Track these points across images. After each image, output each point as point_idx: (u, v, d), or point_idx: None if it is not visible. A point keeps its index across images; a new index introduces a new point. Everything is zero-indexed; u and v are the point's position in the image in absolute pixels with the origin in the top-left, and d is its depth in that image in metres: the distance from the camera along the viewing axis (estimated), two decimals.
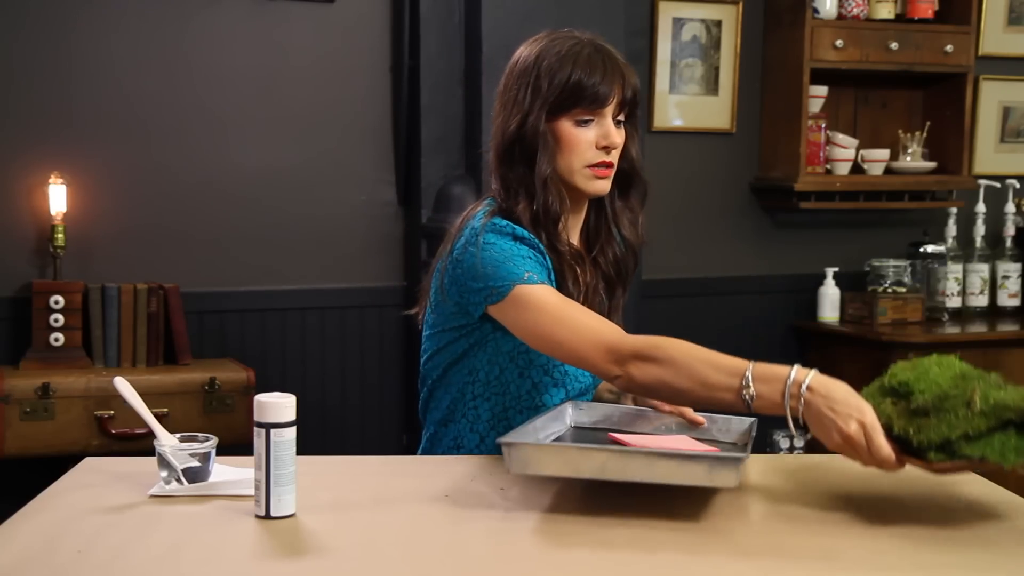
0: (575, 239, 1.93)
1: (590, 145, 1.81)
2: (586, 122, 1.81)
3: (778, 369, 1.56)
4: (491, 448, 1.85)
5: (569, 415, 1.88)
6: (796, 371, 1.54)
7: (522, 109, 1.82)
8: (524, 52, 1.87)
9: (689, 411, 1.85)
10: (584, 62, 1.80)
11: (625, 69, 1.84)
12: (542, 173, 1.81)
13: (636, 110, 1.88)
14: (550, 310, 1.71)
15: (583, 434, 1.85)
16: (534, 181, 1.82)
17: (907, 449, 1.48)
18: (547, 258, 1.82)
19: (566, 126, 1.81)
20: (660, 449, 1.41)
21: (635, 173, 1.92)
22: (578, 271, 1.86)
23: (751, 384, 1.56)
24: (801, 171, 3.88)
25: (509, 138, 1.83)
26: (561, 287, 1.82)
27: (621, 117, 1.84)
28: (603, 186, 1.85)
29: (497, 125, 1.86)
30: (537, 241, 1.81)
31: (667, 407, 1.86)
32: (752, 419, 1.85)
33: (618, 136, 1.82)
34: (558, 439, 1.77)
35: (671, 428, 1.85)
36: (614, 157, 1.84)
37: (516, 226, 1.81)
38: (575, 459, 1.44)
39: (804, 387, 1.52)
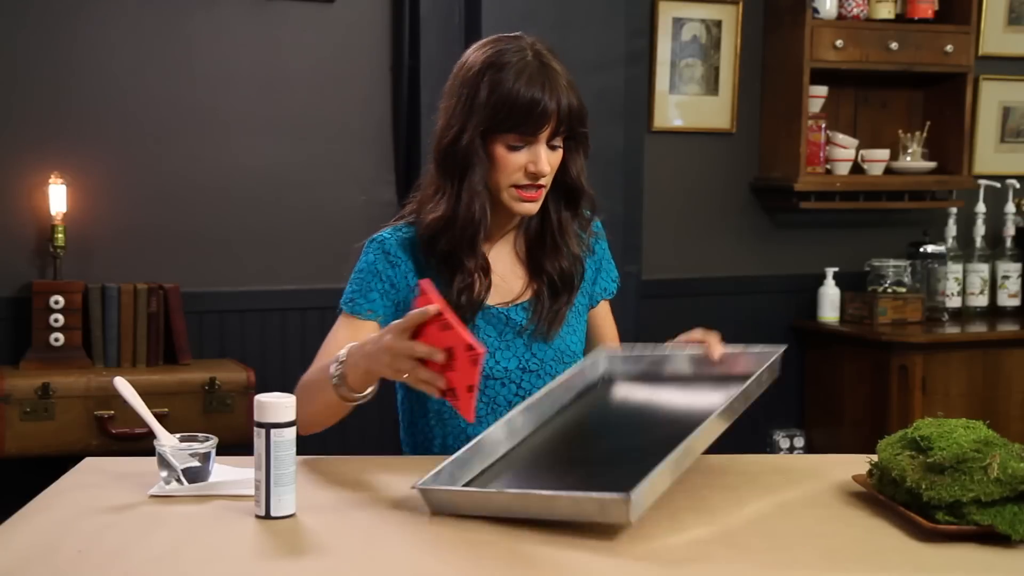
0: (505, 252, 1.96)
1: (519, 168, 1.83)
2: (518, 147, 1.83)
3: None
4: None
5: (602, 365, 1.91)
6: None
7: (460, 121, 1.84)
8: (472, 57, 1.87)
9: (711, 340, 1.92)
10: (524, 85, 1.79)
11: (563, 90, 1.82)
12: (472, 187, 1.84)
13: (580, 127, 1.87)
14: (329, 336, 1.92)
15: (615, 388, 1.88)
16: (462, 192, 1.85)
17: (915, 505, 1.48)
18: (409, 284, 1.88)
19: (499, 148, 1.83)
20: (556, 494, 1.46)
21: (578, 188, 1.93)
22: (476, 283, 1.88)
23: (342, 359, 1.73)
24: (801, 171, 3.88)
25: (445, 147, 1.86)
26: (462, 295, 1.86)
27: (557, 142, 1.85)
28: (529, 208, 1.87)
29: (439, 127, 1.88)
30: (410, 264, 1.90)
31: (694, 337, 1.93)
32: (782, 347, 1.87)
33: (547, 164, 1.83)
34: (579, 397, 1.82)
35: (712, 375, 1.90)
36: (545, 182, 1.86)
37: (395, 245, 1.90)
38: (481, 502, 1.50)
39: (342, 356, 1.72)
